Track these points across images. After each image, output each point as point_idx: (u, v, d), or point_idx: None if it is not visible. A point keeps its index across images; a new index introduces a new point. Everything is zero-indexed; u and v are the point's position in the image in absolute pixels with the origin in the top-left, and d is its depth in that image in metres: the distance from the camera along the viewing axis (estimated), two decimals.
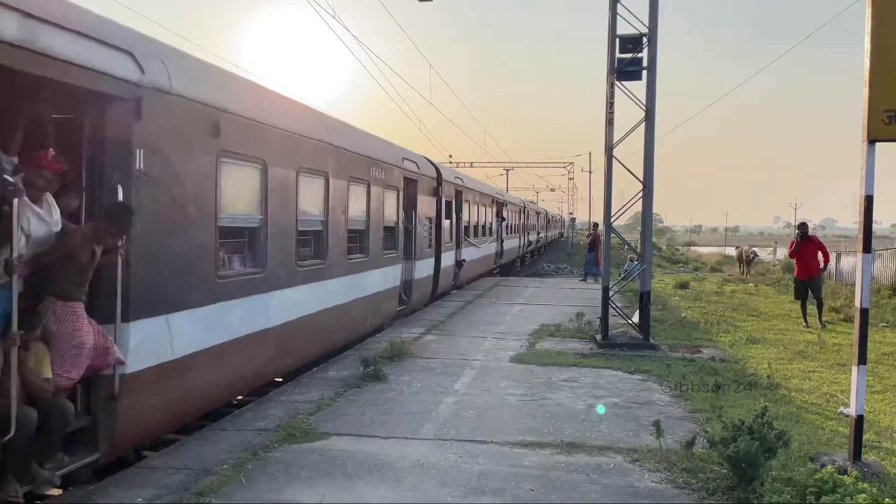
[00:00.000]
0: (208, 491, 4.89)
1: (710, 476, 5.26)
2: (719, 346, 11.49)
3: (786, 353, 10.99)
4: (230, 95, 6.90)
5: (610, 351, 10.57)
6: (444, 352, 10.30)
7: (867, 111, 5.41)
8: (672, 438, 6.03)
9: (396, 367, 9.02)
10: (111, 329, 5.10)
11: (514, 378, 8.62)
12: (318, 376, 8.66)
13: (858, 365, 5.62)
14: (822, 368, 9.84)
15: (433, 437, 6.24)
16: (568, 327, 12.59)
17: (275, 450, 5.79)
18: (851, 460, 5.54)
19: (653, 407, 7.41)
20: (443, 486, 5.09)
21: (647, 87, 11.07)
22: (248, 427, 6.48)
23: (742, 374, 9.02)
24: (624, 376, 8.90)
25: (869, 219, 5.61)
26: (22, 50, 4.11)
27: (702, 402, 7.43)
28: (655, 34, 10.98)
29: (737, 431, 5.04)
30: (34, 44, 4.20)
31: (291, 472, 5.28)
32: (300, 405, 7.20)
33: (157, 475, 5.23)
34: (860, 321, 5.66)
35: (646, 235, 11.57)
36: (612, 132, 11.30)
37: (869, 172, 5.52)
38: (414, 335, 11.58)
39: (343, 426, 6.49)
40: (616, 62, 11.17)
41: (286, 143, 7.98)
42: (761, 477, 4.78)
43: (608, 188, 11.51)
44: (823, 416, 7.36)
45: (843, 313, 15.46)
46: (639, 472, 5.43)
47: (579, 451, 5.90)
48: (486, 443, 6.09)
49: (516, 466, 5.52)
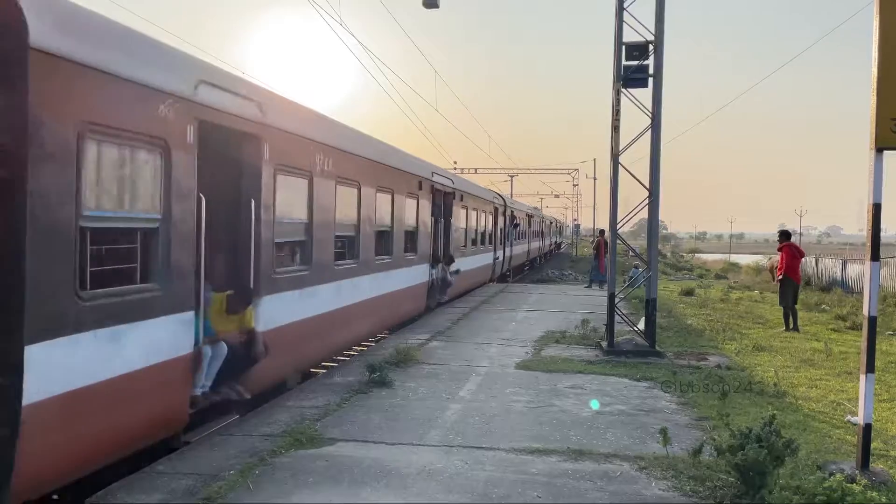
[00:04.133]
0: (215, 496, 4.90)
1: (718, 484, 5.24)
2: (725, 353, 11.47)
3: (792, 361, 10.96)
4: (344, 136, 10.20)
5: (616, 358, 10.55)
6: (450, 358, 10.30)
7: (875, 120, 5.41)
8: (679, 446, 6.02)
9: (402, 373, 9.03)
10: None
11: (519, 385, 8.62)
12: (324, 382, 8.67)
13: (866, 373, 5.60)
14: (828, 376, 9.82)
15: (439, 443, 6.24)
16: (573, 334, 12.58)
17: (282, 455, 5.80)
18: (859, 469, 5.53)
19: (659, 414, 7.40)
20: (449, 492, 5.09)
21: (653, 95, 11.08)
22: (255, 432, 6.49)
23: (748, 382, 9.00)
24: (630, 383, 8.88)
25: (877, 227, 5.60)
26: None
27: (708, 410, 7.42)
28: (661, 42, 11.00)
29: (744, 439, 5.03)
30: None
31: (299, 478, 5.29)
32: (306, 411, 7.21)
33: (165, 480, 5.24)
34: (868, 329, 5.65)
35: (652, 242, 11.57)
36: (618, 139, 11.31)
37: (877, 181, 5.52)
38: (419, 341, 11.58)
39: (349, 432, 6.50)
40: (622, 69, 11.18)
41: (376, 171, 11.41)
42: (769, 485, 4.77)
43: (614, 195, 11.52)
44: (831, 425, 7.34)
45: (849, 321, 15.43)
46: (646, 480, 5.42)
47: (586, 459, 5.89)
48: (492, 449, 6.09)
49: (523, 473, 5.51)
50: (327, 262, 9.21)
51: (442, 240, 16.89)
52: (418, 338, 12.00)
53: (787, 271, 14.73)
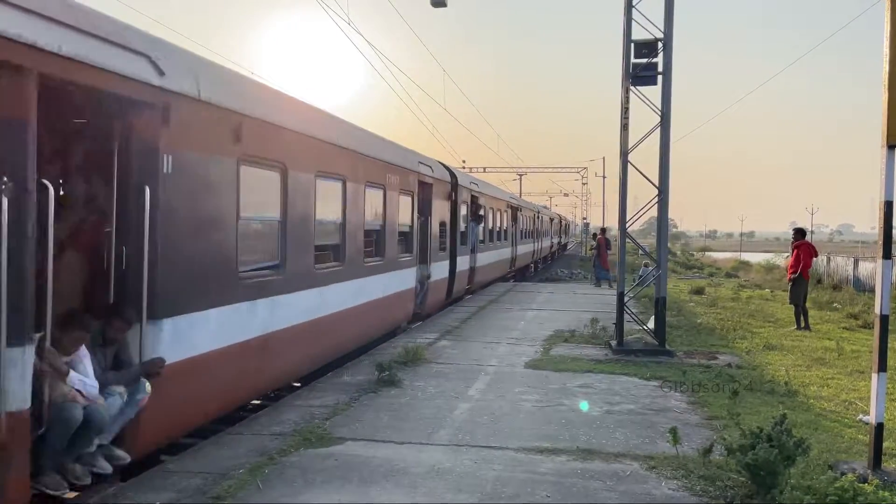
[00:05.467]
0: (225, 495, 4.92)
1: (728, 484, 5.21)
2: (736, 352, 11.41)
3: (804, 360, 10.89)
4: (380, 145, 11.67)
5: (625, 357, 10.52)
6: (459, 357, 10.30)
7: (886, 116, 5.37)
8: (689, 445, 5.99)
9: (411, 372, 9.04)
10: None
11: (528, 384, 8.60)
12: (333, 381, 8.68)
13: (878, 372, 5.56)
14: (840, 375, 9.75)
15: (448, 442, 6.24)
16: (583, 333, 12.55)
17: (291, 454, 5.81)
18: (871, 468, 5.49)
19: (669, 413, 7.37)
20: (458, 491, 5.09)
21: (663, 92, 11.03)
22: (264, 431, 6.51)
23: (759, 381, 8.95)
24: (640, 382, 8.85)
25: (889, 224, 5.56)
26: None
27: (719, 409, 7.37)
28: (671, 39, 10.95)
29: (755, 439, 5.00)
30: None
31: (308, 477, 5.30)
32: (315, 410, 7.23)
33: (175, 479, 5.27)
34: (880, 328, 5.61)
35: (661, 241, 11.51)
36: (627, 137, 11.27)
37: (888, 178, 5.47)
38: (428, 340, 11.59)
39: (358, 431, 6.51)
40: (631, 67, 11.14)
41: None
42: (780, 485, 4.74)
43: (623, 193, 11.48)
44: (842, 424, 7.28)
45: (861, 319, 15.32)
46: (655, 480, 5.40)
47: (595, 458, 5.87)
48: (501, 449, 6.08)
49: (532, 473, 5.50)
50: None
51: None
52: (427, 337, 12.00)
53: (802, 270, 14.64)
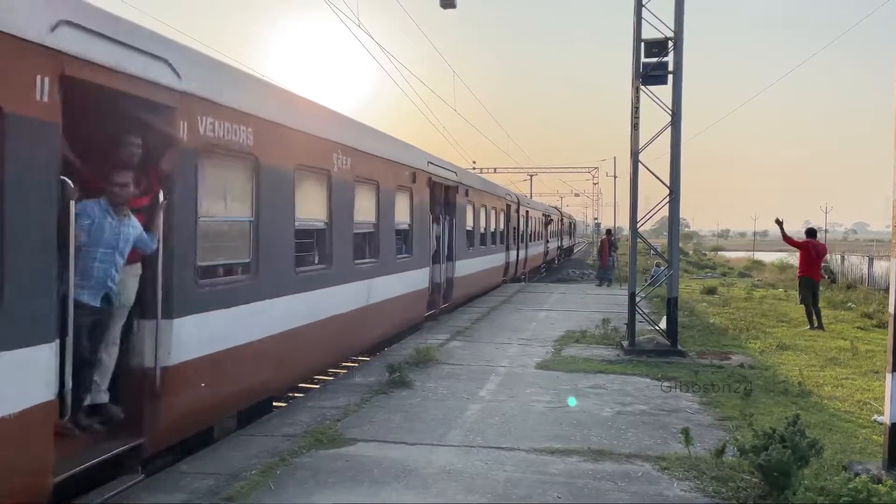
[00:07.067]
0: (237, 496, 4.95)
1: (741, 485, 5.18)
2: (748, 352, 11.33)
3: (817, 360, 10.81)
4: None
5: (637, 357, 10.48)
6: (470, 358, 10.30)
7: None
8: (701, 446, 5.96)
9: (422, 373, 9.04)
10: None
11: (539, 385, 8.59)
12: (345, 382, 8.71)
13: (893, 372, 5.50)
14: (854, 375, 9.66)
15: (459, 443, 6.24)
16: (594, 333, 12.51)
17: (303, 455, 5.83)
18: (886, 469, 5.44)
19: (681, 414, 7.33)
20: (469, 492, 5.09)
21: (674, 92, 10.99)
22: (276, 433, 6.54)
23: (772, 381, 8.89)
24: (651, 383, 8.81)
25: None
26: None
27: (731, 410, 7.34)
28: (681, 38, 10.90)
29: (768, 440, 4.97)
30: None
31: (319, 478, 5.32)
32: (327, 411, 7.25)
33: (187, 480, 5.30)
34: (894, 327, 5.55)
35: (673, 240, 11.46)
36: (638, 137, 11.23)
37: None
38: (439, 341, 11.59)
39: (370, 432, 6.52)
40: (641, 66, 11.11)
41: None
42: (793, 486, 4.71)
43: (634, 193, 11.44)
44: (856, 424, 7.22)
45: (876, 319, 15.19)
46: (667, 481, 5.37)
47: (607, 459, 5.86)
48: (512, 450, 6.07)
49: (543, 474, 5.49)
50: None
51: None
52: (438, 338, 12.01)
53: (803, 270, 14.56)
